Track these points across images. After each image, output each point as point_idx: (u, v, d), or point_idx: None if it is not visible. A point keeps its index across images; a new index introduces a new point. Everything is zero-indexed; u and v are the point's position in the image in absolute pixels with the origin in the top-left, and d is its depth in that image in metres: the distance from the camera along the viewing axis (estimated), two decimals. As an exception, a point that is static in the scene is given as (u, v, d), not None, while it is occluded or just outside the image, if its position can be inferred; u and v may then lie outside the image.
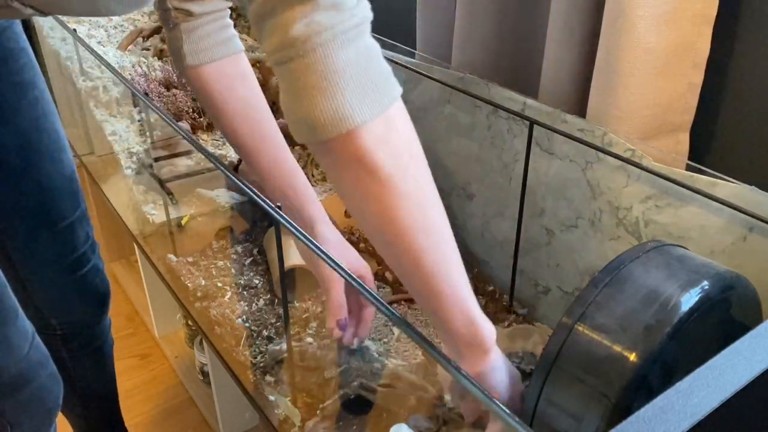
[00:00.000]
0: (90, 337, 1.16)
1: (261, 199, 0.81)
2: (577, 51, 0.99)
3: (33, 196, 0.97)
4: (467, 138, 1.12)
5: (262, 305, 1.10)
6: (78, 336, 1.13)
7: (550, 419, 0.67)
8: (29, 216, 0.97)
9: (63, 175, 0.99)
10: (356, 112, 0.52)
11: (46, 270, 1.03)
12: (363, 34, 0.54)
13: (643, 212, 0.87)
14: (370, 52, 0.54)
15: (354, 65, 0.52)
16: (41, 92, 0.96)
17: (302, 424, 0.89)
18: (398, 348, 1.01)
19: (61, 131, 1.00)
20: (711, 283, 0.64)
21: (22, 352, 0.82)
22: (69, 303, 1.08)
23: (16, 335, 0.81)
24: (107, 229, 1.92)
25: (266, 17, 0.51)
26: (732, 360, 0.43)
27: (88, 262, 1.07)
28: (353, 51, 0.52)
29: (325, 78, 0.51)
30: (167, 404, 1.57)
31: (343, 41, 0.51)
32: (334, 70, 0.51)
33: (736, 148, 0.95)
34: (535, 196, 1.02)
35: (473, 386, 0.54)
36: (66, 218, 1.01)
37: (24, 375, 0.83)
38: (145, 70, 1.43)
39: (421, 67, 1.17)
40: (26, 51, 0.95)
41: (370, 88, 0.53)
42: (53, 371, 0.90)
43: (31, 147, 0.95)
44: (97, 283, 1.11)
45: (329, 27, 0.50)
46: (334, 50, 0.50)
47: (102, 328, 1.17)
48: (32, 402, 0.86)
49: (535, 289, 1.07)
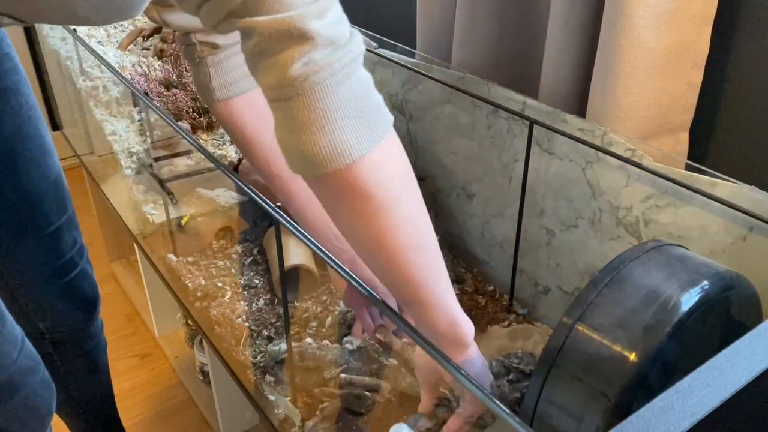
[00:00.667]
0: (81, 341, 1.15)
1: (261, 199, 0.81)
2: (577, 51, 0.99)
3: (18, 201, 0.96)
4: (467, 138, 1.12)
5: (262, 305, 1.10)
6: (68, 340, 1.12)
7: (550, 419, 0.67)
8: (15, 222, 0.96)
9: (48, 180, 0.98)
10: (354, 147, 0.53)
11: (33, 275, 1.02)
12: (357, 69, 0.55)
13: (643, 212, 0.87)
14: (364, 85, 0.55)
15: (350, 101, 0.53)
16: (26, 98, 0.95)
17: (302, 423, 0.89)
18: (398, 348, 1.01)
19: (46, 136, 0.99)
20: (711, 282, 0.64)
21: (10, 358, 0.81)
22: (57, 308, 1.07)
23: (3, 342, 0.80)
24: (107, 229, 1.92)
25: (263, 56, 0.52)
26: (732, 360, 0.43)
27: (76, 267, 1.06)
28: (349, 87, 0.53)
29: (324, 116, 0.52)
30: (167, 404, 1.57)
31: (340, 78, 0.52)
32: (332, 107, 0.52)
33: (735, 148, 0.95)
34: (535, 196, 1.02)
35: (472, 385, 0.54)
36: (52, 223, 1.00)
37: (13, 382, 0.82)
38: (145, 70, 1.43)
39: (421, 67, 1.17)
40: (10, 56, 0.94)
41: (366, 121, 0.54)
42: (45, 377, 0.89)
43: (15, 153, 0.94)
44: (86, 287, 1.10)
45: (326, 66, 0.51)
46: (331, 87, 0.52)
47: (93, 330, 1.16)
48: (24, 409, 0.85)
49: (535, 288, 1.07)
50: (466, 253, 1.22)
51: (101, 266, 2.01)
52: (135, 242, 1.40)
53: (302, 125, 0.52)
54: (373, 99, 0.56)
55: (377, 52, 1.25)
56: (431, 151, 1.22)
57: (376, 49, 1.26)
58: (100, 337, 1.19)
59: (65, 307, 1.08)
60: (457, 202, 1.19)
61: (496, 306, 1.11)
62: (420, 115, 1.22)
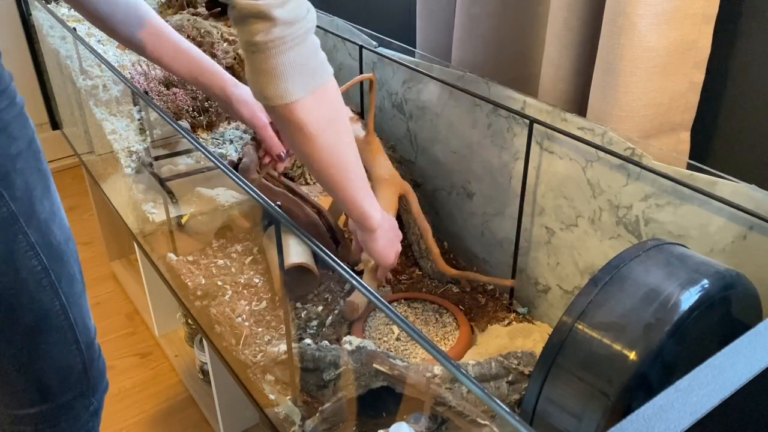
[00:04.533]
0: None
1: (261, 199, 0.81)
2: (577, 50, 0.99)
3: None
4: (467, 137, 1.12)
5: (262, 304, 1.10)
6: None
7: (550, 417, 0.67)
8: None
9: None
10: (292, 93, 0.74)
11: None
12: (307, 38, 0.73)
13: (643, 211, 0.87)
14: (309, 50, 0.74)
15: (296, 61, 0.73)
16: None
17: (302, 422, 0.89)
18: (398, 347, 1.01)
19: None
20: (711, 281, 0.64)
21: None
22: None
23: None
24: (107, 228, 1.92)
25: (240, 23, 0.71)
26: (732, 358, 0.43)
27: None
28: (297, 51, 0.72)
29: (274, 69, 0.72)
30: (167, 403, 1.57)
31: (291, 45, 0.71)
32: (280, 63, 0.72)
33: (736, 147, 0.95)
34: (534, 195, 1.02)
35: (472, 385, 0.54)
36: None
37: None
38: (145, 69, 1.43)
39: (421, 66, 1.17)
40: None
41: (306, 75, 0.74)
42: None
43: None
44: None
45: (282, 37, 0.70)
46: (283, 52, 0.71)
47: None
48: None
49: (535, 287, 1.07)
50: (466, 252, 1.22)
51: (101, 265, 2.01)
52: (135, 241, 1.40)
53: (259, 72, 0.73)
54: (316, 59, 0.76)
55: (377, 51, 1.25)
56: (431, 149, 1.22)
57: (376, 48, 1.26)
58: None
59: None
60: (457, 201, 1.19)
61: (496, 305, 1.11)
62: (420, 113, 1.22)
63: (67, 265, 0.89)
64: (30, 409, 0.93)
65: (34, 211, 0.83)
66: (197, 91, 1.36)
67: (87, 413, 0.98)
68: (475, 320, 1.08)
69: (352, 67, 1.38)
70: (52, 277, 0.86)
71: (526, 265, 1.08)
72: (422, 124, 1.22)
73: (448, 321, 1.07)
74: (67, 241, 0.89)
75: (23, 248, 0.83)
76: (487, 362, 0.88)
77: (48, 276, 0.86)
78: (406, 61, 1.19)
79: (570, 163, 0.95)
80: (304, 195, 1.16)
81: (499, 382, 0.87)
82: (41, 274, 0.85)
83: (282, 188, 1.17)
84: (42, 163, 0.86)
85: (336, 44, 1.42)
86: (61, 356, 0.91)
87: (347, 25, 1.36)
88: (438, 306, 1.10)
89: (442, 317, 1.08)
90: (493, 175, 1.09)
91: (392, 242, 0.98)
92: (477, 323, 1.08)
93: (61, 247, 0.87)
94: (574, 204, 0.96)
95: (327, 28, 1.42)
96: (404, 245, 1.20)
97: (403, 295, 1.13)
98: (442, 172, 1.21)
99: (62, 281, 0.88)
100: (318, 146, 0.79)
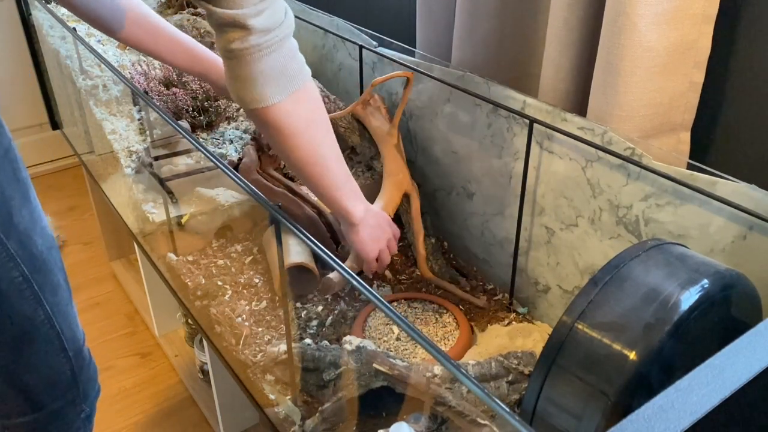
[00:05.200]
0: None
1: (261, 199, 0.81)
2: (577, 50, 0.99)
3: None
4: (467, 136, 1.12)
5: (262, 304, 1.10)
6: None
7: (550, 417, 0.67)
8: None
9: None
10: (269, 97, 0.76)
11: None
12: (283, 45, 0.75)
13: (643, 210, 0.87)
14: (286, 56, 0.76)
15: (273, 68, 0.75)
16: None
17: (302, 422, 0.89)
18: (398, 347, 1.01)
19: None
20: (711, 281, 0.64)
21: None
22: None
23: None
24: (107, 228, 1.92)
25: (218, 30, 0.74)
26: (732, 358, 0.43)
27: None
28: (273, 58, 0.75)
29: (250, 75, 0.75)
30: (167, 403, 1.57)
31: (267, 53, 0.74)
32: (256, 70, 0.74)
33: (737, 147, 0.95)
34: (534, 195, 1.02)
35: (472, 385, 0.54)
36: None
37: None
38: (145, 69, 1.43)
39: (422, 66, 1.17)
40: None
41: (282, 79, 0.76)
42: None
43: None
44: None
45: (257, 45, 0.73)
46: (259, 59, 0.74)
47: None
48: None
49: (535, 287, 1.07)
50: (466, 252, 1.22)
51: (101, 265, 2.01)
52: (135, 241, 1.40)
53: (237, 77, 0.76)
54: (293, 63, 0.77)
55: (377, 51, 1.25)
56: (431, 149, 1.22)
57: (376, 48, 1.26)
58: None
59: None
60: (457, 201, 1.19)
61: (496, 305, 1.11)
62: (420, 113, 1.22)
63: (51, 274, 0.87)
64: (20, 418, 0.92)
65: (13, 222, 0.81)
66: (197, 91, 1.36)
67: (79, 420, 0.97)
68: (475, 320, 1.08)
69: (352, 67, 1.38)
70: (34, 287, 0.85)
71: (526, 265, 1.08)
72: (422, 124, 1.22)
73: (448, 321, 1.07)
74: (50, 250, 0.87)
75: (2, 259, 0.81)
76: (487, 362, 0.88)
77: (30, 286, 0.84)
78: (406, 61, 1.19)
79: (570, 163, 0.95)
80: (304, 195, 1.16)
81: (499, 382, 0.87)
82: (23, 285, 0.83)
83: (282, 188, 1.17)
84: (20, 171, 0.83)
85: (336, 44, 1.42)
86: (49, 365, 0.90)
87: (347, 25, 1.36)
88: (438, 306, 1.10)
89: (442, 317, 1.08)
90: (493, 175, 1.09)
91: (375, 237, 0.98)
92: (477, 323, 1.08)
93: (44, 256, 0.86)
94: (574, 204, 0.96)
95: (327, 28, 1.42)
96: (404, 245, 1.20)
97: (403, 295, 1.13)
98: (442, 172, 1.21)
99: (45, 290, 0.86)
100: (296, 146, 0.82)
